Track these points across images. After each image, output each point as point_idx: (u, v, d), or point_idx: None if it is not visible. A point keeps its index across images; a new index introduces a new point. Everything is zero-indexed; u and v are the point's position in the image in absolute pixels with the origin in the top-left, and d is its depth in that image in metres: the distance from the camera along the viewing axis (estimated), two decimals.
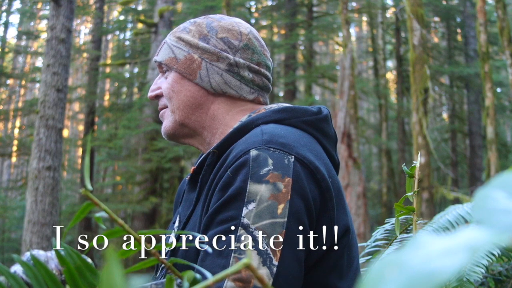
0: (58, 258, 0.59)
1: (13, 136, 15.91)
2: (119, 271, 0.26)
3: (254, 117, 1.02)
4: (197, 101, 1.09)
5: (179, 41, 1.10)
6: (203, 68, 1.07)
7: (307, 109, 1.05)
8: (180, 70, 1.08)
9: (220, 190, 0.89)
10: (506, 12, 7.95)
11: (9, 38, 18.49)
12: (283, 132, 0.95)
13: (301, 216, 0.86)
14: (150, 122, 10.10)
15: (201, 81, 1.08)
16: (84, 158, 13.31)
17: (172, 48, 1.10)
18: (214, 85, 1.07)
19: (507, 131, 17.50)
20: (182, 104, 1.09)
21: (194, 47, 1.08)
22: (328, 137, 1.05)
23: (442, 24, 14.76)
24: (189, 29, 1.11)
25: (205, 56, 1.07)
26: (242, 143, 0.94)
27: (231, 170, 0.89)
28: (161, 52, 1.12)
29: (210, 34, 1.09)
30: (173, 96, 1.09)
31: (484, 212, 0.24)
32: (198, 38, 1.09)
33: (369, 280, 0.21)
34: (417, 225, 1.09)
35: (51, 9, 6.50)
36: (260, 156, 0.88)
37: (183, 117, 1.09)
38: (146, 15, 12.81)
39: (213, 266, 0.82)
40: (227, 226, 0.84)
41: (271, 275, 0.80)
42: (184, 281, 0.49)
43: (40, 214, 5.92)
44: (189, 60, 1.08)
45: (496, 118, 8.35)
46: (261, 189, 0.85)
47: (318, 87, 17.13)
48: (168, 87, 1.10)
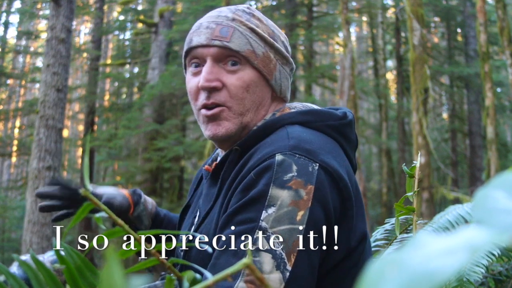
0: (58, 258, 0.59)
1: (13, 136, 15.91)
2: (119, 271, 0.26)
3: (280, 117, 1.00)
4: (264, 102, 1.02)
5: (253, 34, 1.00)
6: (277, 70, 1.02)
7: (332, 113, 1.02)
8: (260, 68, 0.99)
9: (242, 191, 0.88)
10: (506, 12, 7.95)
11: (9, 38, 18.48)
12: (309, 137, 0.93)
13: (320, 224, 0.85)
14: (150, 122, 10.09)
15: (275, 83, 1.02)
16: (84, 158, 13.30)
17: (249, 40, 0.99)
18: (283, 89, 1.05)
19: (507, 131, 17.50)
20: (253, 105, 1.00)
21: (269, 45, 1.01)
22: (350, 142, 1.04)
23: (442, 24, 14.76)
24: (256, 24, 1.02)
25: (278, 58, 1.03)
26: (268, 145, 0.92)
27: (255, 173, 0.88)
28: (236, 40, 0.98)
29: (276, 34, 1.04)
30: (245, 97, 0.99)
31: (484, 212, 0.24)
32: (269, 36, 1.02)
33: (369, 279, 0.21)
34: (417, 225, 1.09)
35: (51, 9, 6.50)
36: (285, 161, 0.87)
37: (250, 119, 1.01)
38: (146, 15, 12.81)
39: (227, 265, 0.82)
40: (245, 227, 0.84)
41: (284, 279, 0.80)
42: (184, 281, 0.49)
43: (40, 214, 5.92)
44: (267, 59, 1.00)
45: (496, 118, 8.35)
46: (283, 194, 0.84)
47: (318, 87, 17.13)
48: (241, 85, 0.98)
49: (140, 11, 14.05)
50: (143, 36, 12.78)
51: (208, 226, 0.97)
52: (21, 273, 0.91)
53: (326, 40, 15.66)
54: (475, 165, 11.80)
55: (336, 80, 11.43)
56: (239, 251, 0.83)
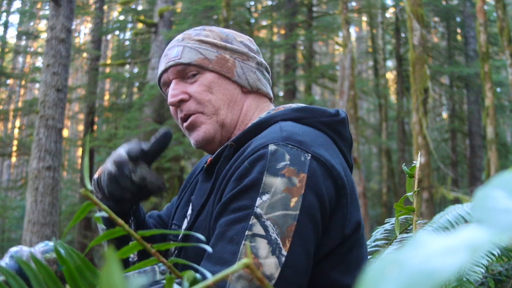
0: (58, 258, 0.59)
1: (13, 136, 15.92)
2: (119, 271, 0.26)
3: (274, 114, 1.05)
4: (234, 98, 1.10)
5: (203, 44, 1.10)
6: (238, 67, 1.10)
7: (325, 110, 1.07)
8: (216, 69, 1.08)
9: (236, 180, 0.91)
10: (506, 12, 7.95)
11: (9, 38, 18.49)
12: (301, 131, 0.97)
13: (314, 211, 0.88)
14: (150, 122, 10.10)
15: (239, 79, 1.10)
16: (83, 158, 13.30)
17: (198, 50, 1.09)
18: (251, 82, 1.12)
19: (507, 131, 17.50)
20: (222, 103, 1.09)
21: (222, 48, 1.10)
22: (344, 139, 1.07)
23: (442, 24, 14.76)
24: (206, 34, 1.12)
25: (236, 56, 1.11)
26: (261, 137, 0.96)
27: (249, 162, 0.91)
28: (186, 55, 1.09)
29: (230, 38, 1.13)
30: (211, 98, 1.08)
31: (484, 212, 0.24)
32: (221, 41, 1.11)
33: (369, 279, 0.21)
34: (417, 225, 1.09)
35: (51, 9, 6.50)
36: (278, 151, 0.90)
37: (224, 116, 1.09)
38: (146, 15, 12.81)
39: (223, 252, 0.84)
40: (240, 214, 0.86)
41: (280, 264, 0.82)
42: (184, 281, 0.49)
43: (40, 214, 5.92)
44: (222, 60, 1.09)
45: (496, 118, 8.36)
46: (276, 181, 0.87)
47: (318, 87, 17.14)
48: (203, 89, 1.08)
49: (140, 11, 14.05)
50: (143, 36, 12.79)
51: (204, 222, 0.99)
52: (13, 264, 0.93)
53: (326, 40, 15.66)
54: (475, 165, 11.80)
55: (336, 80, 11.44)
56: (235, 238, 0.85)
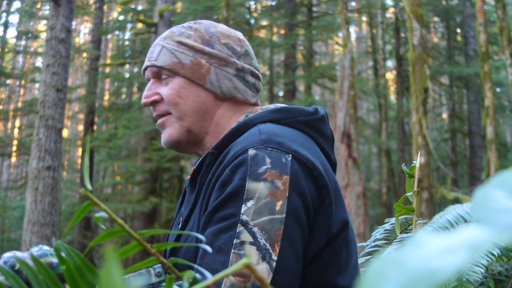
0: (58, 258, 0.59)
1: (13, 136, 15.92)
2: (119, 271, 0.26)
3: (252, 117, 1.03)
4: (205, 106, 1.07)
5: (181, 46, 1.07)
6: (212, 73, 1.07)
7: (303, 109, 1.06)
8: (188, 75, 1.06)
9: (219, 188, 0.90)
10: (506, 12, 7.96)
11: (8, 38, 18.48)
12: (280, 132, 0.96)
13: (299, 212, 0.87)
14: (150, 122, 10.09)
15: (211, 86, 1.07)
16: (83, 158, 13.31)
17: (174, 53, 1.07)
18: (225, 90, 1.08)
19: (507, 131, 17.51)
20: (190, 110, 1.06)
21: (199, 52, 1.07)
22: (325, 136, 1.06)
23: (442, 24, 14.77)
24: (188, 34, 1.09)
25: (213, 61, 1.07)
26: (240, 142, 0.95)
27: (230, 169, 0.90)
28: (161, 57, 1.08)
29: (213, 39, 1.09)
30: (179, 102, 1.06)
31: (483, 211, 0.24)
32: (201, 43, 1.08)
33: (369, 279, 0.21)
34: (417, 225, 1.09)
35: (50, 9, 6.50)
36: (258, 155, 0.89)
37: (190, 123, 1.07)
38: (146, 15, 12.81)
39: (213, 263, 0.83)
40: (226, 223, 0.85)
41: (271, 270, 0.82)
42: (184, 281, 0.49)
43: (40, 214, 5.92)
44: (196, 65, 1.06)
45: (496, 118, 8.36)
46: (260, 187, 0.86)
47: (317, 87, 17.13)
48: (173, 93, 1.06)
49: (140, 11, 14.04)
50: (143, 36, 12.78)
51: (191, 230, 0.99)
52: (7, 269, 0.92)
53: (325, 40, 15.66)
54: (474, 165, 11.80)
55: (335, 80, 11.43)
56: (223, 247, 0.84)
